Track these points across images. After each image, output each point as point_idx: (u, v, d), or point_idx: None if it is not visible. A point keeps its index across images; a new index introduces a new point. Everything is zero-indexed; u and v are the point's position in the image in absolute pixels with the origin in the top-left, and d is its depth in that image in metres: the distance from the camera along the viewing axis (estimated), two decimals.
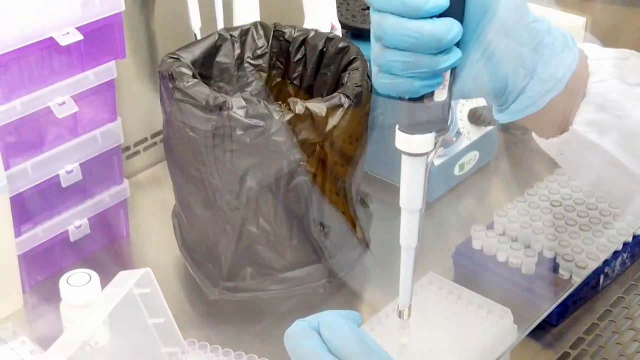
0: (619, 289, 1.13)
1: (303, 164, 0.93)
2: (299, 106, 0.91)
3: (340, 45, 1.04)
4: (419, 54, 0.62)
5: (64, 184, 1.02)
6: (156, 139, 1.27)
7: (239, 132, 0.91)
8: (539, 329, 1.03)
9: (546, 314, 1.01)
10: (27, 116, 0.96)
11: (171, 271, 1.08)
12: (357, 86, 0.96)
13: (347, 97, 0.94)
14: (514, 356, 0.99)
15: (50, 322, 0.97)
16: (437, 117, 0.65)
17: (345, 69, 1.01)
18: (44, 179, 1.00)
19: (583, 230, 1.07)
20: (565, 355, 1.03)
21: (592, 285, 1.08)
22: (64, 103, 0.98)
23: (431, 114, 0.65)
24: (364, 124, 0.98)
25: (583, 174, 0.75)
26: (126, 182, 1.11)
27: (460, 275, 1.05)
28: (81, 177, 1.03)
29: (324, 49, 1.05)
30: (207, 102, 0.91)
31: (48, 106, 0.97)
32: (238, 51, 1.06)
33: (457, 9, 0.62)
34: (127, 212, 1.13)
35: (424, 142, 0.65)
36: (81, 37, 0.96)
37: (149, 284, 0.87)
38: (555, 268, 1.03)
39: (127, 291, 0.84)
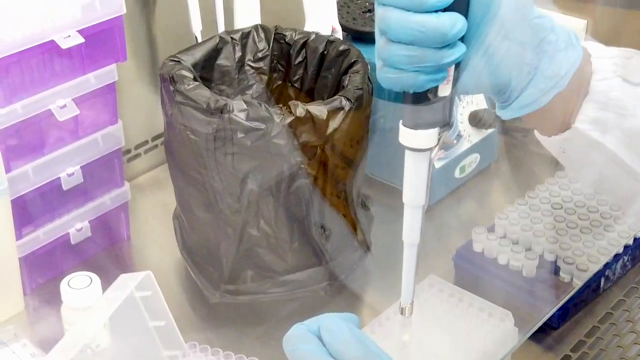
0: (620, 291, 1.12)
1: (304, 166, 0.93)
2: (299, 109, 0.91)
3: (341, 48, 1.04)
4: (423, 48, 0.62)
5: (65, 187, 1.02)
6: (157, 141, 1.27)
7: (240, 135, 0.91)
8: (540, 332, 1.02)
9: (547, 317, 1.01)
10: (28, 119, 0.96)
11: (172, 274, 1.08)
12: (358, 89, 0.96)
13: (348, 100, 0.94)
14: (515, 359, 0.99)
15: (51, 325, 0.97)
16: (441, 112, 0.65)
17: (346, 72, 1.01)
18: (45, 181, 1.00)
19: (584, 233, 1.07)
20: (566, 358, 1.03)
21: (593, 288, 1.08)
22: (65, 106, 0.98)
23: (435, 109, 0.65)
24: (365, 127, 0.98)
25: (585, 173, 0.75)
26: (127, 185, 1.11)
27: (461, 278, 1.05)
28: (82, 180, 1.03)
29: (325, 52, 1.05)
30: (208, 105, 0.91)
31: (49, 109, 0.97)
32: (239, 54, 1.06)
33: (462, 3, 0.62)
34: (128, 215, 1.13)
35: (428, 137, 0.65)
36: (82, 40, 0.96)
37: (150, 286, 0.87)
38: (556, 271, 1.03)
39: (128, 294, 0.85)
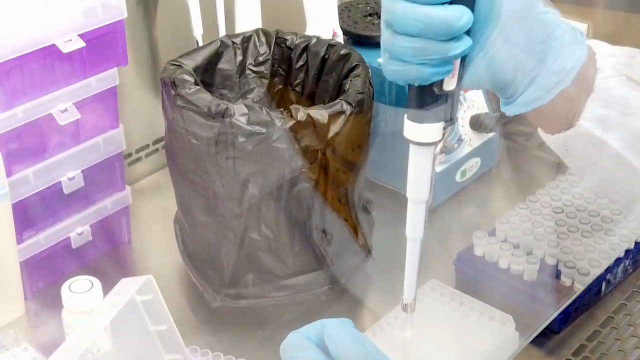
0: (621, 295, 1.12)
1: (305, 170, 0.93)
2: (300, 113, 0.91)
3: (342, 52, 1.04)
4: (429, 40, 0.61)
5: (66, 191, 1.02)
6: (158, 145, 1.27)
7: (241, 139, 0.91)
8: (541, 336, 1.02)
9: (548, 321, 1.01)
10: (29, 123, 0.96)
11: (173, 278, 1.08)
12: (359, 93, 0.96)
13: (349, 104, 0.94)
14: None
15: (52, 329, 0.97)
16: (446, 106, 0.65)
17: (347, 76, 1.01)
18: (46, 185, 1.00)
19: (585, 237, 1.07)
20: None
21: (594, 292, 1.08)
22: (66, 110, 0.98)
23: (440, 103, 0.65)
24: (366, 131, 0.98)
25: (589, 172, 0.74)
26: (128, 189, 1.11)
27: (462, 282, 1.05)
28: (83, 184, 1.03)
29: (326, 56, 1.05)
30: (209, 109, 0.91)
31: (50, 113, 0.97)
32: (240, 58, 1.06)
33: None
34: (129, 219, 1.13)
35: (433, 131, 0.65)
36: (83, 44, 0.96)
37: (151, 291, 0.87)
38: (557, 275, 1.03)
39: (129, 298, 0.84)
